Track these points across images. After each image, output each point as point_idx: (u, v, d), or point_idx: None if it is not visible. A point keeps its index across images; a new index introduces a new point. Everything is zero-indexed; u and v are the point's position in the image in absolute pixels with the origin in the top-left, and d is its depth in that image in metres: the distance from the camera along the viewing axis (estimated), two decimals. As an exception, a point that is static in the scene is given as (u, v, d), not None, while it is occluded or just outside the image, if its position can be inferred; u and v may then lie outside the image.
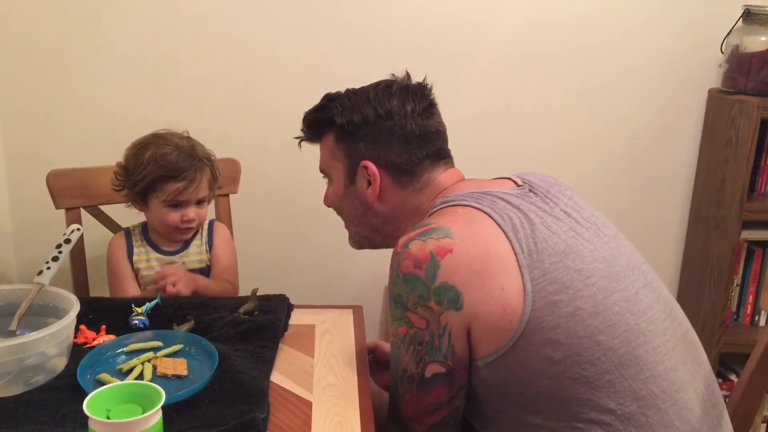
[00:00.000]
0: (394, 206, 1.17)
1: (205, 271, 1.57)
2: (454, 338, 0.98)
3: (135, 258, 1.52)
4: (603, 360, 0.95)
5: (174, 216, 1.47)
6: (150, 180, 1.44)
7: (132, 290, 1.50)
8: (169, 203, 1.46)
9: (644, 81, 2.01)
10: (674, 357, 1.00)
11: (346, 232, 1.27)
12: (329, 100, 1.20)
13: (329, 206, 1.26)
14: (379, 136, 1.14)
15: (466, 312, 0.97)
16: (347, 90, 1.20)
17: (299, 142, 1.26)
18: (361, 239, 1.26)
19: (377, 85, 1.18)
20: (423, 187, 1.16)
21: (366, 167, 1.15)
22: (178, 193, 1.44)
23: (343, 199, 1.22)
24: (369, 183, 1.16)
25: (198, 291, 1.44)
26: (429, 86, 1.20)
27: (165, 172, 1.43)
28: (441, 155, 1.19)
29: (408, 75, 1.21)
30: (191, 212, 1.48)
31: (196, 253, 1.56)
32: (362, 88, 1.19)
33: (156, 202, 1.47)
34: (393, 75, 1.21)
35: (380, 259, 1.27)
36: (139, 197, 1.48)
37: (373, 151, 1.15)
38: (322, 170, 1.25)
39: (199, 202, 1.50)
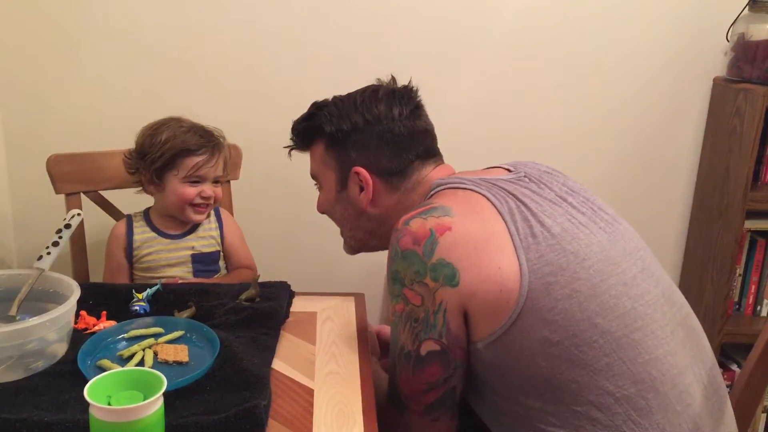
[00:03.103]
0: (388, 208, 1.19)
1: (216, 255, 1.57)
2: (450, 315, 0.99)
3: (137, 244, 1.52)
4: (601, 343, 0.96)
5: (192, 191, 1.48)
6: (169, 156, 1.46)
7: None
8: (188, 179, 1.48)
9: (648, 69, 2.00)
10: (673, 341, 1.01)
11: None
12: (317, 108, 1.22)
13: (322, 213, 1.28)
14: (369, 142, 1.16)
15: (463, 289, 0.98)
16: (334, 97, 1.22)
17: (289, 152, 1.28)
18: (356, 243, 1.27)
19: (363, 91, 1.20)
20: (414, 186, 1.18)
21: (358, 173, 1.17)
22: (197, 168, 1.47)
23: (335, 204, 1.23)
24: (361, 189, 1.18)
25: None
26: (415, 88, 1.21)
27: (185, 146, 1.46)
28: (430, 153, 1.20)
29: (393, 79, 1.22)
30: (209, 189, 1.50)
31: (206, 237, 1.56)
32: (349, 95, 1.21)
33: (174, 180, 1.48)
34: (379, 80, 1.23)
35: (382, 247, 1.26)
36: (156, 176, 1.49)
37: (364, 157, 1.17)
38: (313, 177, 1.27)
39: (216, 181, 1.52)
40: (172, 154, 1.46)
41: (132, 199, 1.58)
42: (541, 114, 2.00)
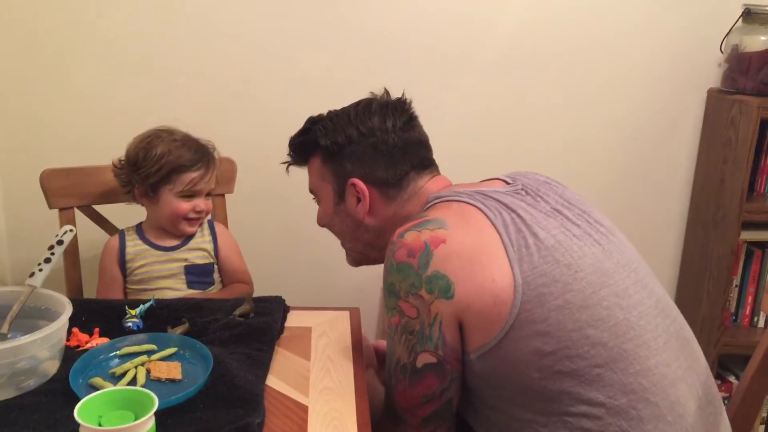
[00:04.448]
0: (385, 219, 1.20)
1: (210, 267, 1.56)
2: (445, 327, 1.00)
3: (130, 257, 1.51)
4: (592, 353, 0.96)
5: (186, 206, 1.50)
6: (166, 171, 1.46)
7: (113, 297, 1.50)
8: (183, 194, 1.48)
9: (643, 80, 2.00)
10: (666, 352, 1.01)
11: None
12: (312, 123, 1.24)
13: (322, 226, 1.29)
14: (364, 154, 1.18)
15: (457, 301, 0.98)
16: (329, 112, 1.24)
17: (287, 167, 1.29)
18: (357, 255, 1.29)
19: (357, 104, 1.22)
20: (410, 197, 1.19)
21: (354, 185, 1.18)
22: (194, 184, 1.48)
23: (334, 217, 1.25)
24: (358, 200, 1.20)
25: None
26: (408, 101, 1.23)
27: (182, 162, 1.47)
28: (425, 164, 1.22)
29: (387, 92, 1.24)
30: (202, 203, 1.51)
31: (199, 249, 1.55)
32: (343, 109, 1.23)
33: (169, 194, 1.48)
34: (372, 93, 1.24)
35: (377, 261, 1.26)
36: (151, 190, 1.49)
37: (360, 169, 1.18)
38: (311, 191, 1.29)
39: (208, 194, 1.53)
40: (169, 170, 1.46)
41: (126, 214, 1.58)
42: (537, 126, 2.00)
